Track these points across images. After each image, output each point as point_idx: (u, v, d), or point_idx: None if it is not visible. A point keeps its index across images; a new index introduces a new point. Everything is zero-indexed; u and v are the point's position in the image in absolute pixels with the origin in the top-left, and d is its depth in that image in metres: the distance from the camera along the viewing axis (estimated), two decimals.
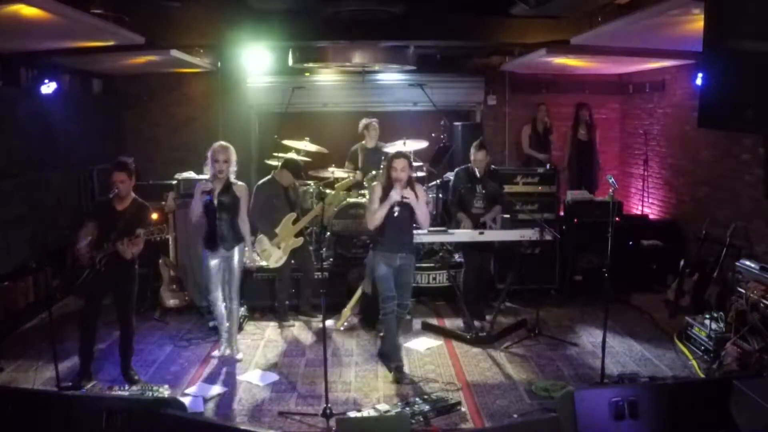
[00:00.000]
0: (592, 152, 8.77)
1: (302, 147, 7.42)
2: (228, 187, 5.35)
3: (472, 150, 6.13)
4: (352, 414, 4.41)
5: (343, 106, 9.33)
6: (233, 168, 5.36)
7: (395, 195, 4.92)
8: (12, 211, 6.35)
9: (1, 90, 6.33)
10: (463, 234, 5.96)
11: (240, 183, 5.43)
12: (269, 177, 6.46)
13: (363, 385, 5.03)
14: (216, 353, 5.59)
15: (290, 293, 6.59)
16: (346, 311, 6.25)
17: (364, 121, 7.84)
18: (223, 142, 5.38)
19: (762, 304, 4.99)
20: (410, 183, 5.05)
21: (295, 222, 6.26)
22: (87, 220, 4.99)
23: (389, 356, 5.26)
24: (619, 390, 3.87)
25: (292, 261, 6.40)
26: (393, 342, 5.29)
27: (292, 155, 7.19)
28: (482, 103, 9.47)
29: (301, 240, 6.30)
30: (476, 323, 6.10)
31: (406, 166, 4.98)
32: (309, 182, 7.47)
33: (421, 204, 5.07)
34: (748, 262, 5.42)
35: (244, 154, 8.91)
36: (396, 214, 5.01)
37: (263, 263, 6.39)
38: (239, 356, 5.55)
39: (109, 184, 4.93)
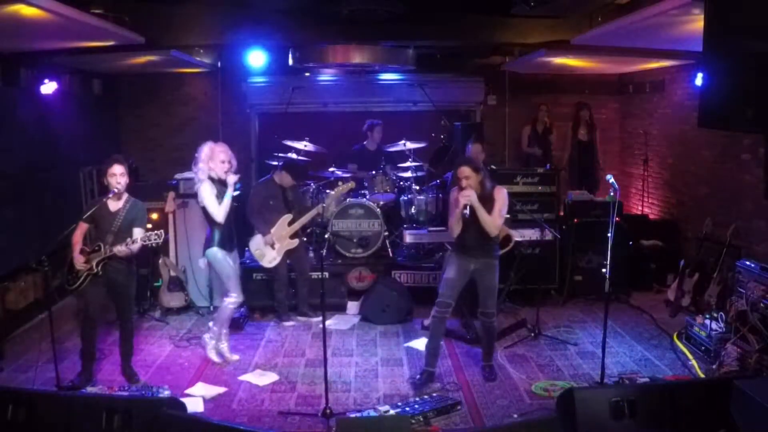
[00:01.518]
0: (592, 152, 8.77)
1: (302, 147, 7.43)
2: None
3: (468, 144, 6.13)
4: (352, 414, 4.41)
5: (343, 106, 9.33)
6: (235, 163, 5.32)
7: (462, 200, 4.74)
8: (12, 211, 6.35)
9: (1, 90, 6.33)
10: None
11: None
12: (267, 177, 6.46)
13: (363, 385, 5.04)
14: (218, 358, 5.47)
15: (289, 293, 6.59)
16: None
17: (369, 122, 7.85)
18: (220, 142, 5.33)
19: (762, 304, 4.99)
20: (483, 185, 4.86)
21: (291, 223, 6.25)
22: (81, 221, 4.97)
23: (426, 359, 5.10)
24: (619, 390, 3.87)
25: (288, 261, 6.40)
26: (432, 346, 5.06)
27: (291, 155, 7.21)
28: (482, 103, 9.47)
29: (296, 242, 6.29)
30: (476, 323, 6.09)
31: (470, 173, 4.79)
32: (309, 182, 7.48)
33: (496, 207, 4.82)
34: (748, 262, 5.42)
35: (244, 154, 8.94)
36: (468, 216, 4.79)
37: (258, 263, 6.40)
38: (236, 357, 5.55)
39: (106, 180, 4.89)
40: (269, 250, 6.19)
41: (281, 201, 6.33)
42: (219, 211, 5.18)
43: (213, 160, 5.18)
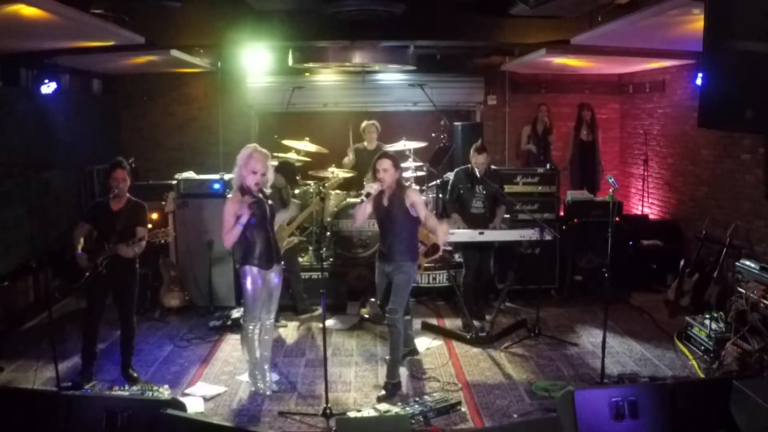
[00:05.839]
0: (594, 153, 8.77)
1: (302, 147, 7.43)
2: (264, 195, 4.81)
3: (472, 152, 6.12)
4: (352, 414, 4.41)
5: (343, 106, 9.34)
6: (271, 177, 4.80)
7: (368, 187, 4.72)
8: (12, 211, 6.35)
9: (1, 90, 6.33)
10: (463, 234, 5.95)
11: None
12: None
13: (363, 385, 5.04)
14: (268, 387, 4.89)
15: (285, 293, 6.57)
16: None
17: (365, 123, 7.88)
18: (260, 149, 4.67)
19: (762, 304, 4.99)
20: (398, 184, 4.79)
21: (289, 223, 6.24)
22: (82, 221, 4.98)
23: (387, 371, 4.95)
24: (619, 390, 3.87)
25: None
26: (391, 355, 4.95)
27: (291, 155, 7.20)
28: (482, 103, 9.48)
29: (294, 240, 6.29)
30: (476, 323, 6.10)
31: (389, 166, 4.72)
32: (309, 182, 7.48)
33: (420, 210, 4.75)
34: (748, 262, 5.42)
35: None
36: (382, 217, 4.76)
37: None
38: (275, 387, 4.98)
39: (109, 183, 4.92)
40: None
41: (278, 201, 6.31)
42: (228, 234, 4.54)
43: (246, 167, 4.58)
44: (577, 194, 7.38)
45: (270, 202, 4.84)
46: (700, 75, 4.87)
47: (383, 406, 4.53)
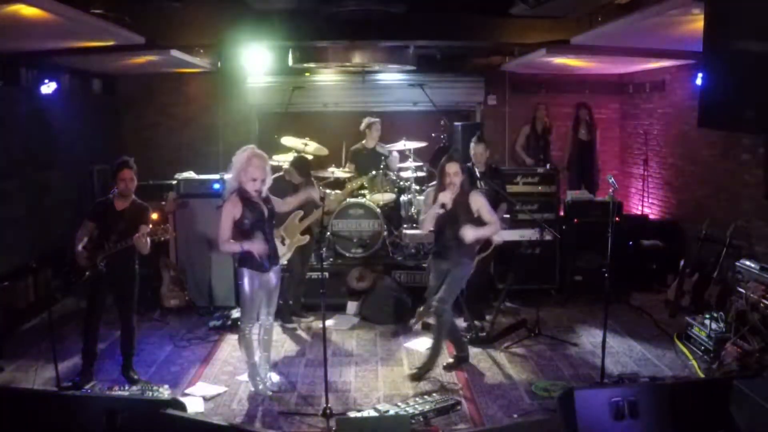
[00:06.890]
0: (592, 152, 8.77)
1: (302, 147, 7.42)
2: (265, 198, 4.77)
3: (471, 144, 6.13)
4: (352, 414, 4.41)
5: (343, 106, 9.33)
6: (269, 181, 4.72)
7: (442, 197, 4.89)
8: (12, 211, 6.35)
9: (1, 90, 6.33)
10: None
11: None
12: (278, 174, 6.41)
13: (363, 385, 5.04)
14: (268, 387, 4.89)
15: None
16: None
17: (367, 120, 7.82)
18: (258, 153, 4.60)
19: (762, 304, 4.99)
20: (462, 188, 4.97)
21: (301, 220, 6.21)
22: (86, 220, 4.99)
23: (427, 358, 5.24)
24: (619, 390, 3.87)
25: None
26: (433, 345, 5.24)
27: (292, 155, 7.19)
28: (482, 103, 9.47)
29: (306, 238, 6.21)
30: (476, 323, 6.10)
31: (458, 171, 4.92)
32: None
33: (485, 212, 4.96)
34: (748, 262, 5.42)
35: None
36: (444, 218, 4.95)
37: None
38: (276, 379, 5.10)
39: (115, 182, 4.92)
40: (280, 246, 6.13)
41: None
42: (226, 246, 4.60)
43: (245, 173, 4.54)
44: (577, 194, 7.38)
45: (270, 204, 4.82)
46: (700, 75, 4.88)
47: (383, 406, 4.53)
